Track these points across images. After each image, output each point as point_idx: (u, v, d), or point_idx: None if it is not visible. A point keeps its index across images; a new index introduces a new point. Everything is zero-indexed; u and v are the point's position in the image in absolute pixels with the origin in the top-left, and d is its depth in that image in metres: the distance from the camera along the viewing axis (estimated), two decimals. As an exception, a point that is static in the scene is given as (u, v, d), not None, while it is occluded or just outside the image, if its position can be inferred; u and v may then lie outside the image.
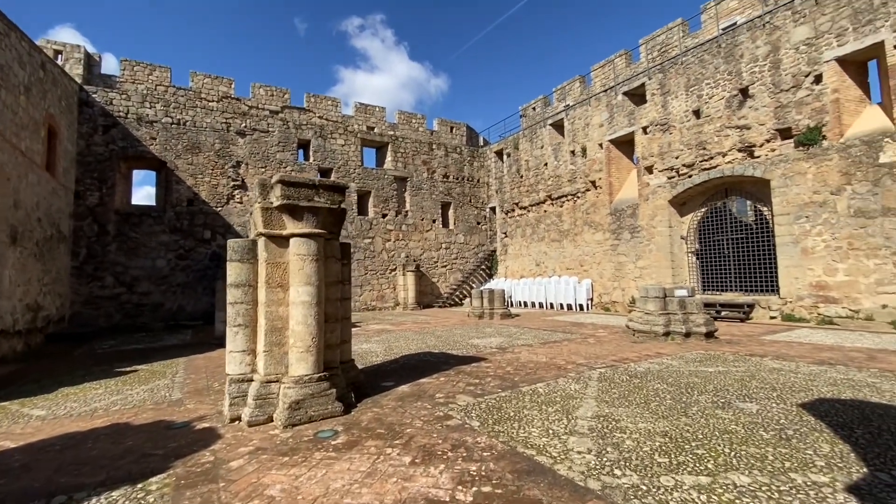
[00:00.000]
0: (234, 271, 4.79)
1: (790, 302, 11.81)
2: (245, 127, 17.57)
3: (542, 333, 10.92)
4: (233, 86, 19.13)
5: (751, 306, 12.52)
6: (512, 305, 20.62)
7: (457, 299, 21.92)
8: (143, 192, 55.10)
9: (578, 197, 18.43)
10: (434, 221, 22.02)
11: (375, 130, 21.57)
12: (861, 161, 10.65)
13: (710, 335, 9.12)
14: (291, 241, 4.74)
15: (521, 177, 21.57)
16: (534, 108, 21.63)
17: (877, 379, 5.59)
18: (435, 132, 23.31)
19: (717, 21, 13.83)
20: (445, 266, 22.13)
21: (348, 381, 5.27)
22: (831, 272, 11.10)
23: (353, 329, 8.06)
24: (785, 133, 12.11)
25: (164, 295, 15.46)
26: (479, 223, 23.68)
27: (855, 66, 11.36)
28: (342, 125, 20.32)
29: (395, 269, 20.56)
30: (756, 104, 12.65)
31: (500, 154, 23.41)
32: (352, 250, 19.28)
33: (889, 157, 10.22)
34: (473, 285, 22.51)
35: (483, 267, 23.33)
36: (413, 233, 21.30)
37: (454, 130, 23.95)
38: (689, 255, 14.95)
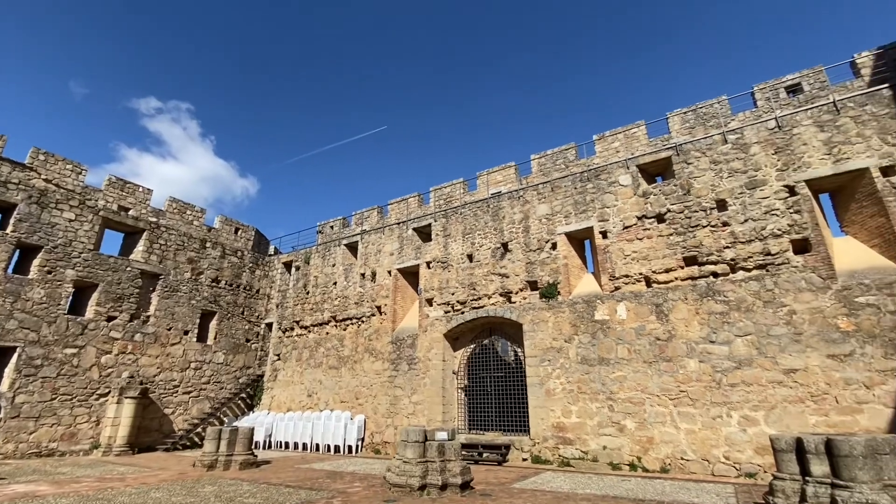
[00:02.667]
0: None
1: (538, 443, 12.40)
2: None
3: (278, 496, 8.46)
4: None
5: (507, 447, 12.69)
6: (270, 447, 16.94)
7: (197, 438, 16.97)
8: None
9: (363, 321, 17.62)
10: (187, 333, 17.79)
11: (131, 213, 17.53)
12: (583, 316, 12.85)
13: (465, 486, 8.33)
14: None
15: (308, 293, 19.93)
16: (332, 227, 21.36)
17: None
18: (214, 230, 20.40)
19: (487, 186, 16.60)
20: (190, 392, 17.42)
21: None
22: (567, 413, 12.25)
23: None
24: (533, 285, 14.12)
25: None
26: (248, 340, 20.23)
27: (577, 241, 14.49)
28: (79, 197, 15.85)
29: (107, 394, 15.01)
30: (513, 258, 14.71)
31: (288, 266, 21.63)
32: (37, 363, 13.52)
33: (601, 315, 12.59)
34: (226, 419, 18.06)
35: (244, 395, 19.29)
36: (152, 345, 16.55)
37: (240, 232, 21.48)
38: (459, 391, 15.06)
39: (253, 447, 13.79)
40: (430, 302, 16.09)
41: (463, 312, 15.20)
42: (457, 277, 15.68)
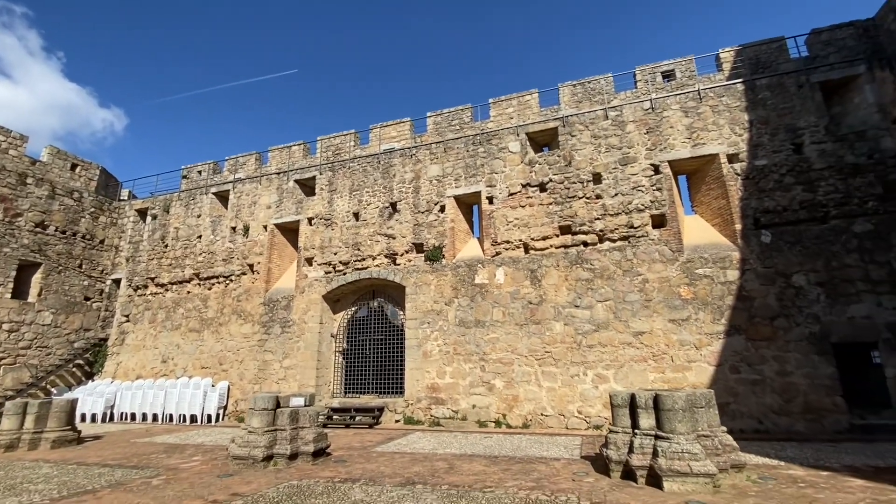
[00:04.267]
0: None
1: (411, 404, 12.30)
2: None
3: (84, 479, 7.09)
4: None
5: (381, 410, 12.42)
6: (113, 420, 14.71)
7: (10, 413, 14.03)
8: None
9: (232, 280, 15.79)
10: (-4, 288, 14.36)
11: None
12: (465, 280, 12.80)
13: (319, 454, 7.76)
14: None
15: (167, 247, 17.29)
16: (200, 172, 18.59)
17: (440, 503, 5.15)
18: (41, 163, 16.50)
19: (380, 141, 15.55)
20: (2, 359, 14.25)
21: None
22: (442, 374, 12.27)
23: None
24: (419, 247, 13.70)
25: None
26: (88, 299, 17.10)
27: (466, 205, 14.30)
28: None
29: None
30: (402, 218, 14.08)
31: (143, 214, 18.52)
32: None
33: (481, 279, 12.64)
34: (55, 390, 15.21)
35: (80, 362, 16.41)
36: (-62, 301, 13.03)
37: (78, 170, 17.71)
38: (337, 354, 14.34)
39: (79, 421, 11.77)
40: (309, 261, 14.88)
41: (345, 273, 14.31)
42: (341, 236, 14.64)
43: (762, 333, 10.03)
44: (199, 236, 16.86)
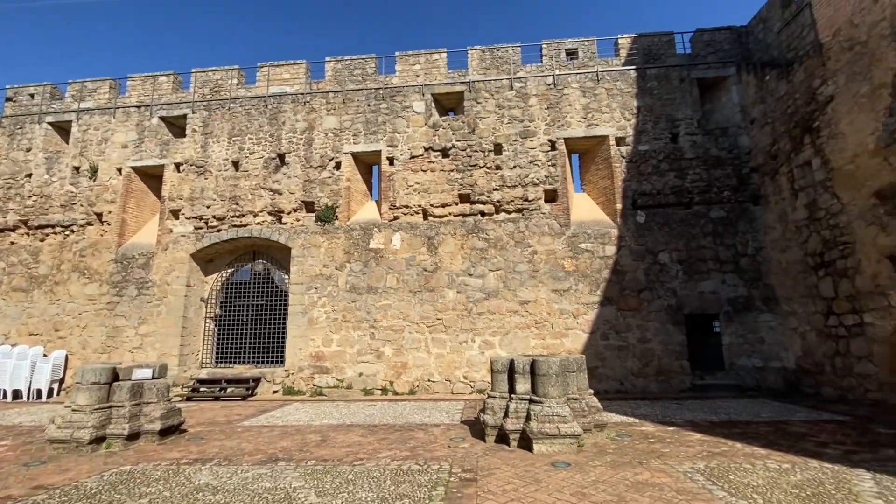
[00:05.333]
0: None
1: (292, 374, 11.46)
2: None
3: None
4: None
5: (257, 381, 11.39)
6: None
7: None
8: None
9: (74, 231, 13.07)
10: None
11: None
12: (359, 244, 12.06)
13: (169, 432, 6.71)
14: None
15: (-20, 185, 13.69)
16: (32, 96, 14.82)
17: (302, 481, 4.63)
18: None
19: (268, 83, 13.71)
20: None
21: None
22: (328, 342, 11.57)
23: None
24: (309, 206, 12.55)
25: None
26: None
27: (365, 165, 13.39)
28: None
29: None
30: (290, 172, 12.71)
31: (-56, 141, 14.38)
32: None
33: (376, 243, 12.01)
34: None
35: None
36: None
37: None
38: (208, 320, 12.78)
39: None
40: (175, 214, 12.85)
41: (220, 230, 12.63)
42: (216, 187, 12.82)
43: (630, 304, 10.99)
44: (29, 175, 13.60)
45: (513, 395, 6.15)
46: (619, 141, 12.02)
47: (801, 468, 4.72)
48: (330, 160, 12.74)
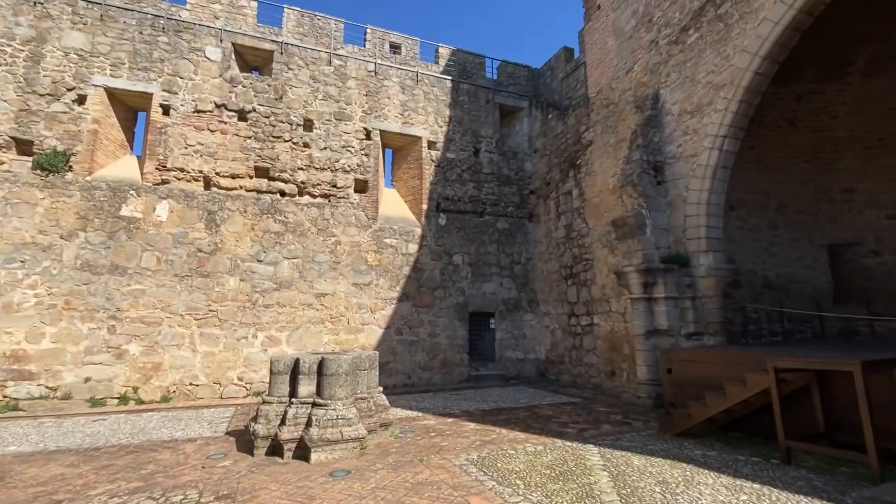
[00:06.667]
0: None
1: (-37, 383, 7.85)
2: None
3: None
4: None
5: None
6: None
7: None
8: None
9: None
10: None
11: None
12: (103, 208, 9.15)
13: None
14: None
15: None
16: None
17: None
18: None
19: (-33, -46, 9.25)
20: None
21: None
22: (37, 338, 8.37)
23: None
24: (25, 146, 8.93)
25: None
26: None
27: (126, 108, 10.34)
28: None
29: None
30: (-5, 92, 8.81)
31: None
32: None
33: (130, 210, 9.32)
34: None
35: None
36: None
37: None
38: None
39: None
40: None
41: None
42: None
43: (425, 301, 11.39)
44: None
45: (294, 400, 5.37)
46: (431, 145, 12.43)
47: (551, 449, 5.40)
48: (69, 90, 9.36)
